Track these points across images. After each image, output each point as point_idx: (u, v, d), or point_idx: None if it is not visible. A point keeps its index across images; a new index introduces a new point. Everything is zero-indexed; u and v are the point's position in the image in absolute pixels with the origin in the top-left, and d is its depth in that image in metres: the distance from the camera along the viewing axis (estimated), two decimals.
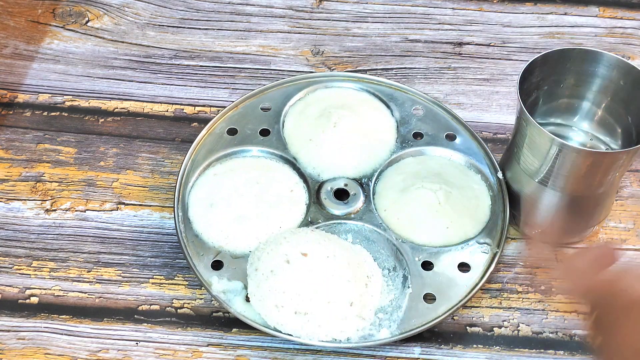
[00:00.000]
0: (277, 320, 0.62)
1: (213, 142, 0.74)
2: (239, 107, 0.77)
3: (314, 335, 0.62)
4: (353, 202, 0.70)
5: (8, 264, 0.69)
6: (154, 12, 0.90)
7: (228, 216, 0.68)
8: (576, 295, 0.54)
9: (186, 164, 0.72)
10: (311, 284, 0.62)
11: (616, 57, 0.65)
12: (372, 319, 0.63)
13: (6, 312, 0.67)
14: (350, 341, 0.62)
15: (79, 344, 0.65)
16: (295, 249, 0.63)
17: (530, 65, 0.64)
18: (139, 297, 0.68)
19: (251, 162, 0.73)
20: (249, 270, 0.64)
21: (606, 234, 0.73)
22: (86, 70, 0.84)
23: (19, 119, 0.80)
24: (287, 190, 0.70)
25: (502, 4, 0.92)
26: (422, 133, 0.75)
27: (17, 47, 0.86)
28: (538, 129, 0.62)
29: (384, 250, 0.68)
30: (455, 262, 0.67)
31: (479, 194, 0.71)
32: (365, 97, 0.78)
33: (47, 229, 0.72)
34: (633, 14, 0.91)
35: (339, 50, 0.86)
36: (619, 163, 0.63)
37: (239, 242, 0.67)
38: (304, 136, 0.74)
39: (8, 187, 0.74)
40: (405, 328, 0.63)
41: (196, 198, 0.70)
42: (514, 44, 0.87)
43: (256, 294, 0.63)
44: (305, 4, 0.91)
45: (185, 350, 0.65)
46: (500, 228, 0.69)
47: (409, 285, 0.65)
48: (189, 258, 0.66)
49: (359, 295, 0.63)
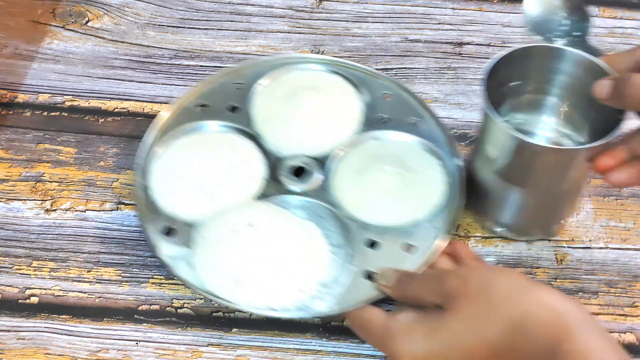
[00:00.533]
0: (218, 288, 0.64)
1: (183, 115, 0.76)
2: (213, 83, 0.78)
3: (253, 303, 0.63)
4: (309, 180, 0.71)
5: (8, 264, 0.69)
6: (154, 12, 0.90)
7: (185, 185, 0.70)
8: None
9: (154, 134, 0.73)
10: (254, 254, 0.63)
11: (580, 53, 0.65)
12: (313, 292, 0.64)
13: (6, 312, 0.67)
14: (287, 311, 0.64)
15: (79, 344, 0.65)
16: (242, 219, 0.65)
17: (496, 62, 0.64)
18: (139, 297, 0.68)
19: (216, 136, 0.74)
20: (197, 237, 0.66)
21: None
22: (86, 70, 0.84)
23: (19, 119, 0.80)
24: (246, 164, 0.72)
25: (502, 4, 0.92)
26: (387, 118, 0.76)
27: (17, 47, 0.86)
28: (498, 123, 0.62)
29: (333, 227, 0.68)
30: (401, 243, 0.68)
31: (435, 180, 0.71)
32: (336, 80, 0.79)
33: (47, 229, 0.72)
34: (633, 14, 0.91)
35: (339, 50, 0.86)
36: (580, 160, 0.63)
37: (192, 211, 0.69)
38: (270, 114, 0.75)
39: (8, 187, 0.74)
40: (344, 303, 0.64)
41: (158, 167, 0.72)
42: (514, 44, 0.87)
43: (200, 261, 0.64)
44: (305, 4, 0.91)
45: (185, 350, 0.65)
46: (452, 214, 0.69)
47: (353, 263, 0.66)
48: (142, 222, 0.68)
49: (301, 269, 0.64)
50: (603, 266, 0.71)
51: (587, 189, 0.75)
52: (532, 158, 0.63)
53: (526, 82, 0.68)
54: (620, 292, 0.69)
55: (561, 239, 0.72)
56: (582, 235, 0.72)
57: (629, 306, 0.68)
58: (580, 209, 0.74)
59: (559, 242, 0.72)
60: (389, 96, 0.78)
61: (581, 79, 0.66)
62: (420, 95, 0.78)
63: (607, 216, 0.74)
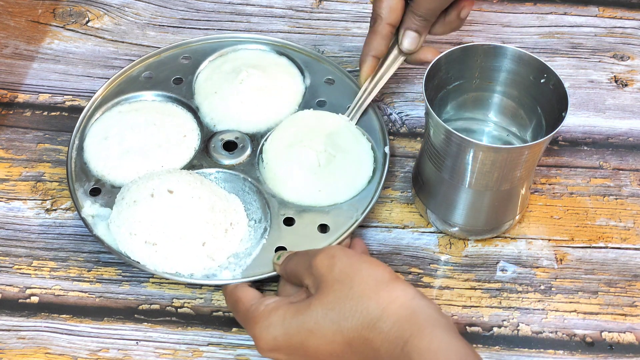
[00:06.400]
0: (128, 247, 0.65)
1: (127, 83, 0.78)
2: (161, 55, 0.81)
3: (160, 266, 0.65)
4: (239, 154, 0.73)
5: (8, 264, 0.69)
6: (154, 12, 0.90)
7: (116, 149, 0.72)
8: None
9: (95, 98, 0.76)
10: (167, 218, 0.64)
11: (520, 50, 0.66)
12: (222, 262, 0.66)
13: (6, 312, 0.67)
14: (192, 277, 0.65)
15: (80, 344, 0.65)
16: (163, 185, 0.66)
17: (435, 63, 0.65)
18: (139, 297, 0.68)
19: (156, 105, 0.76)
20: (117, 198, 0.67)
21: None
22: (86, 70, 0.84)
23: (19, 118, 0.80)
24: (181, 135, 0.73)
25: (502, 4, 0.92)
26: (326, 101, 0.77)
27: (17, 47, 0.86)
28: (436, 120, 0.62)
29: (255, 202, 0.70)
30: (317, 223, 0.69)
31: (362, 163, 0.72)
32: (282, 61, 0.81)
33: (48, 228, 0.72)
34: (633, 14, 0.91)
35: (339, 50, 0.87)
36: (522, 158, 0.63)
37: (120, 174, 0.71)
38: (211, 88, 0.77)
39: (8, 187, 0.74)
40: (249, 273, 0.65)
41: (95, 130, 0.74)
42: (513, 44, 0.87)
43: (115, 221, 0.66)
44: (305, 4, 0.91)
45: (185, 349, 0.65)
46: (370, 198, 0.70)
47: (266, 237, 0.67)
48: (70, 182, 0.70)
49: (213, 238, 0.65)
50: (603, 266, 0.71)
51: (587, 189, 0.75)
52: (474, 157, 0.63)
53: (469, 80, 0.69)
54: (620, 291, 0.69)
55: (561, 238, 0.72)
56: (582, 235, 0.73)
57: (629, 306, 0.68)
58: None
59: (559, 242, 0.72)
60: (332, 81, 0.79)
61: (522, 74, 0.67)
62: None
63: (607, 216, 0.74)
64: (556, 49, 0.87)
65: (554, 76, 0.64)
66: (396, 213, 0.74)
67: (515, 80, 0.68)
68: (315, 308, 0.56)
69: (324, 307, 0.56)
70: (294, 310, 0.57)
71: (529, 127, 0.69)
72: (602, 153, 0.78)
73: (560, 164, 0.77)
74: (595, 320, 0.67)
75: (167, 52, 0.81)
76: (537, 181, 0.76)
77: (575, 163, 0.78)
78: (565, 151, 0.79)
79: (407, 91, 0.83)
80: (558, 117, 0.62)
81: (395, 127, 0.80)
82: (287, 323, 0.57)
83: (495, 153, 0.63)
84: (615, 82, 0.84)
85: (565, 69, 0.85)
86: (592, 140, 0.80)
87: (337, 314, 0.56)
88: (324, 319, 0.56)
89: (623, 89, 0.84)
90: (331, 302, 0.56)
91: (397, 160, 0.77)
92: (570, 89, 0.83)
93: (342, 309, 0.56)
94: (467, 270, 0.70)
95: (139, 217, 0.65)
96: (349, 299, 0.56)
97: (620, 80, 0.85)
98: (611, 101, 0.83)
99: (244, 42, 0.82)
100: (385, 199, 0.74)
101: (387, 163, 0.72)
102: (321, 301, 0.56)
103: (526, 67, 0.66)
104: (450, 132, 0.61)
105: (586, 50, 0.87)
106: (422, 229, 0.73)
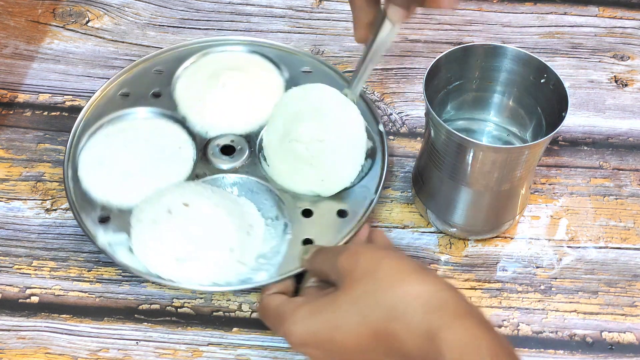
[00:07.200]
0: (158, 268, 0.64)
1: (106, 104, 0.76)
2: (132, 71, 0.79)
3: (194, 280, 0.64)
4: (239, 156, 0.73)
5: (8, 264, 0.69)
6: (154, 12, 0.90)
7: (115, 172, 0.71)
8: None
9: (77, 125, 0.74)
10: (191, 232, 0.64)
11: (520, 50, 0.66)
12: (252, 264, 0.66)
13: (6, 312, 0.67)
14: (230, 284, 0.64)
15: (80, 343, 0.65)
16: (177, 199, 0.65)
17: (436, 63, 0.65)
18: (139, 297, 0.68)
19: (142, 123, 0.75)
20: (132, 221, 0.66)
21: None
22: (86, 70, 0.84)
23: (19, 118, 0.80)
24: (175, 147, 0.73)
25: (502, 4, 0.92)
26: None
27: (17, 47, 0.86)
28: (437, 120, 0.62)
29: (267, 200, 0.70)
30: (334, 209, 0.69)
31: (354, 136, 0.70)
32: (256, 59, 0.81)
33: (48, 228, 0.72)
34: (633, 13, 0.91)
35: (339, 50, 0.87)
36: (522, 158, 0.63)
37: (124, 197, 0.69)
38: (194, 97, 0.76)
39: (8, 187, 0.74)
40: (284, 270, 0.65)
41: (86, 157, 0.72)
42: (513, 44, 0.87)
43: (138, 244, 0.65)
44: (305, 4, 0.91)
45: (185, 349, 0.65)
46: (378, 176, 0.71)
47: (289, 232, 0.67)
48: (76, 213, 0.68)
49: (239, 243, 0.65)
50: (603, 266, 0.71)
51: (587, 189, 0.75)
52: (474, 157, 0.63)
53: (470, 80, 0.69)
54: (619, 291, 0.69)
55: (561, 238, 0.72)
56: (582, 235, 0.73)
57: (629, 306, 0.68)
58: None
59: (558, 242, 0.72)
60: (309, 71, 0.80)
61: (522, 74, 0.67)
62: (338, 69, 0.80)
63: (607, 216, 0.74)
64: (556, 49, 0.87)
65: (554, 76, 0.64)
66: (396, 213, 0.74)
67: (515, 80, 0.68)
68: (341, 303, 0.56)
69: (349, 301, 0.56)
70: (320, 305, 0.57)
71: (529, 127, 0.69)
72: (602, 153, 0.78)
73: (560, 164, 0.78)
74: (596, 320, 0.67)
75: (138, 67, 0.79)
76: (537, 181, 0.76)
77: (575, 163, 0.78)
78: (565, 151, 0.79)
79: (407, 91, 0.83)
80: (558, 117, 0.62)
81: (395, 127, 0.80)
82: (313, 319, 0.57)
83: (495, 153, 0.63)
84: (615, 82, 0.84)
85: (565, 69, 0.85)
86: (592, 140, 0.80)
87: (362, 307, 0.55)
88: (349, 313, 0.55)
89: (623, 89, 0.84)
90: (356, 296, 0.55)
91: (397, 160, 0.77)
92: (571, 89, 0.83)
93: (367, 302, 0.55)
94: (467, 270, 0.70)
95: (163, 236, 0.64)
96: (373, 291, 0.55)
97: (620, 80, 0.85)
98: (611, 101, 0.83)
99: (213, 45, 0.81)
100: (385, 199, 0.75)
101: (385, 142, 0.73)
102: (346, 295, 0.56)
103: (526, 67, 0.66)
104: (451, 132, 0.61)
105: (586, 50, 0.87)
106: (422, 229, 0.73)
